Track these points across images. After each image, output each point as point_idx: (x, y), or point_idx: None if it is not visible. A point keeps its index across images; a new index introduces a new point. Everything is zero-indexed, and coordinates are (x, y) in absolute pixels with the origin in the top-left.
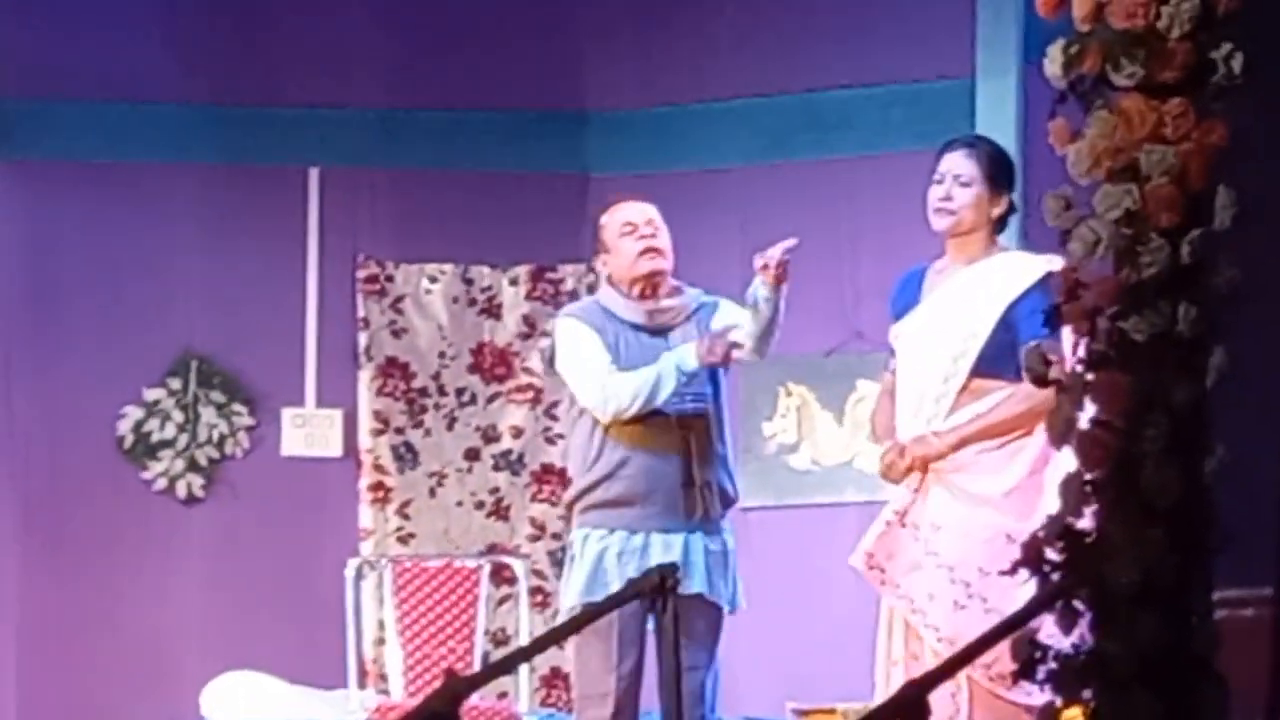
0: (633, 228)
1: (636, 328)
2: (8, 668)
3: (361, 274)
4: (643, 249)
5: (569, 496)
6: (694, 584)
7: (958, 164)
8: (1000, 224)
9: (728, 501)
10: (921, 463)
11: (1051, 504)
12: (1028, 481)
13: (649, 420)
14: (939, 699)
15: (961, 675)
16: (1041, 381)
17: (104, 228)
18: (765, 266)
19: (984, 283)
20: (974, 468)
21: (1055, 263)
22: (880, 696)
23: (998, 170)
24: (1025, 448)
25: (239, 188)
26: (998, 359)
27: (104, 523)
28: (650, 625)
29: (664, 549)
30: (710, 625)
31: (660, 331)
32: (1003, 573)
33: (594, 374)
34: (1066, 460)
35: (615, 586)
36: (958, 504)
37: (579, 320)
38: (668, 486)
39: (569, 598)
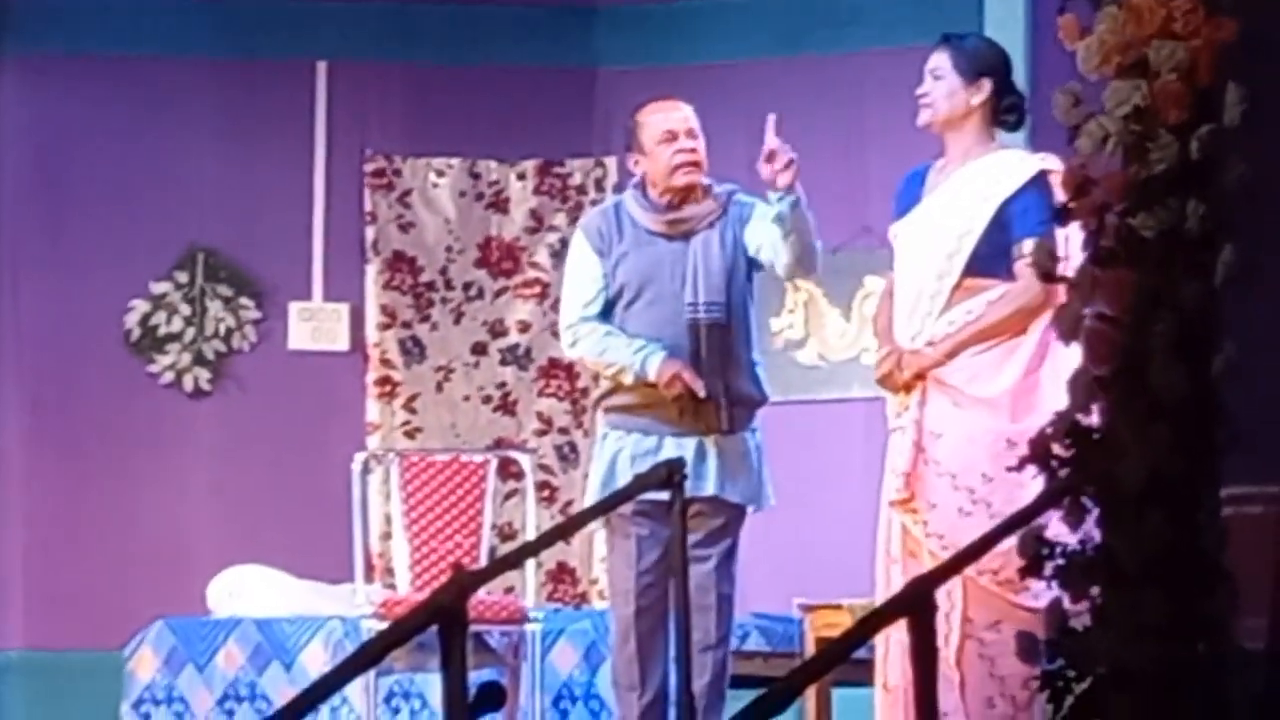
0: (673, 136)
1: (655, 234)
2: (15, 562)
3: (369, 168)
4: (682, 162)
5: (595, 396)
6: (707, 485)
7: (931, 59)
8: (998, 117)
9: (752, 405)
10: (917, 374)
11: (1050, 402)
12: (1024, 382)
13: (662, 331)
14: None
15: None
16: (1048, 277)
17: (111, 122)
18: (772, 165)
19: (978, 181)
20: (969, 370)
21: (1049, 161)
22: (880, 593)
23: (971, 59)
24: (1019, 347)
25: (247, 82)
26: (991, 258)
27: (111, 416)
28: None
29: (677, 450)
30: (728, 521)
31: (681, 237)
32: (1009, 469)
33: (572, 310)
34: (1063, 359)
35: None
36: (957, 410)
37: (585, 237)
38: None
39: (588, 495)
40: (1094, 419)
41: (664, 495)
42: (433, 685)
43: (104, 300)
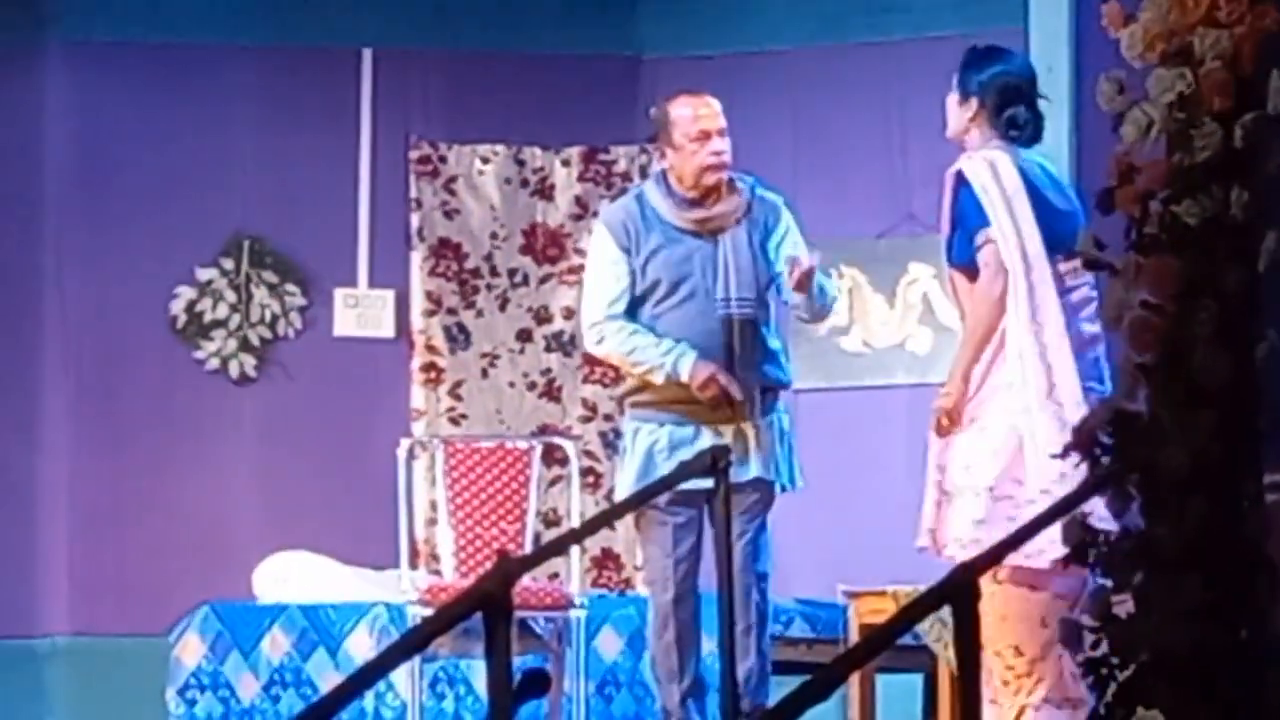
0: (706, 135)
1: (684, 231)
2: (60, 548)
3: (414, 155)
4: (712, 164)
5: (621, 392)
6: (750, 469)
7: None
8: (1004, 133)
9: (778, 390)
10: (950, 414)
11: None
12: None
13: (695, 326)
14: None
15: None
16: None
17: (157, 109)
18: (793, 274)
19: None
20: (963, 460)
21: (962, 162)
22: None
23: (961, 79)
24: (1001, 345)
25: (292, 69)
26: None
27: (156, 403)
28: (705, 512)
29: (714, 437)
30: (762, 499)
31: (710, 234)
32: (1053, 456)
33: (597, 307)
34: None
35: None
36: (979, 433)
37: (609, 233)
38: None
39: (623, 490)
40: (1138, 406)
41: (698, 483)
42: (477, 671)
43: (149, 287)
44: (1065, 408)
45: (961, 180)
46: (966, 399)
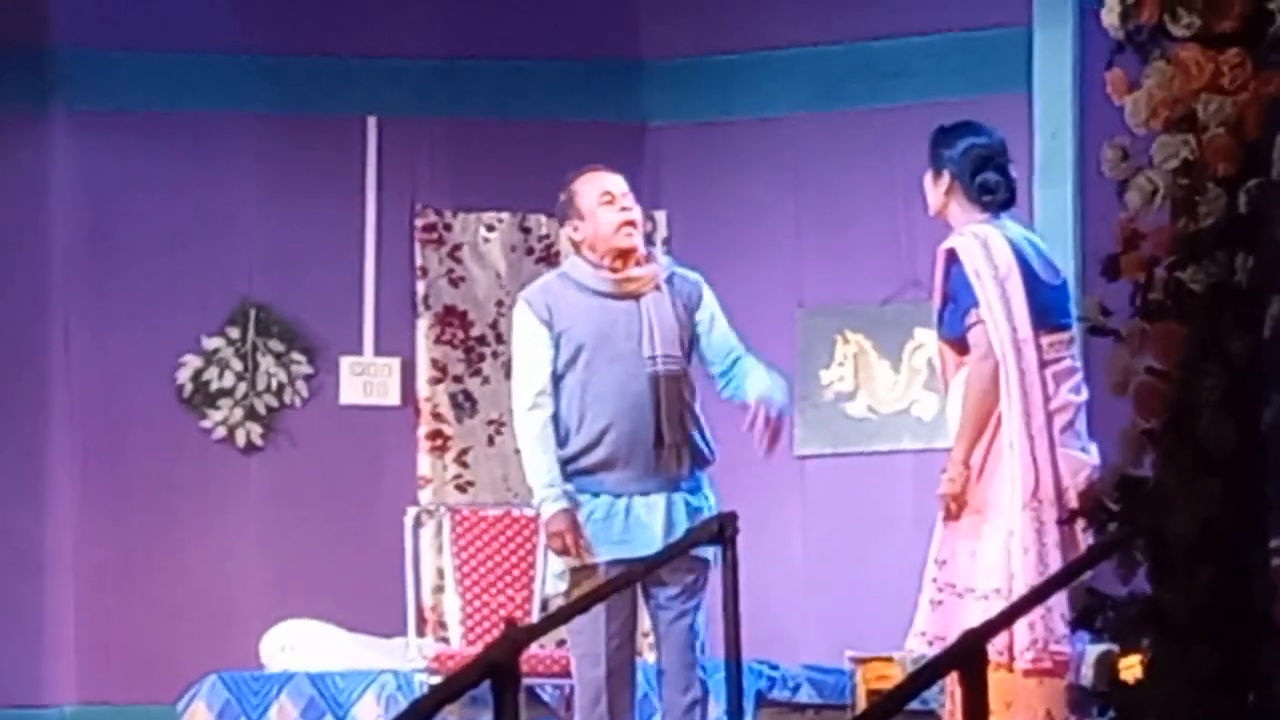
0: (611, 198)
1: (605, 295)
2: (67, 615)
3: (419, 223)
4: (622, 221)
5: (560, 458)
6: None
7: None
8: (979, 202)
9: (703, 461)
10: (957, 500)
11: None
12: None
13: (626, 387)
14: None
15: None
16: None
17: (163, 177)
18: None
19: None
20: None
21: (953, 240)
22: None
23: (931, 154)
24: (997, 428)
25: (297, 137)
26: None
27: (163, 471)
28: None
29: (646, 510)
30: (699, 577)
31: (630, 298)
32: (1060, 522)
33: (524, 392)
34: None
35: (600, 550)
36: (983, 517)
37: (528, 308)
38: (643, 449)
39: (561, 560)
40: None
41: (630, 555)
42: None
43: (156, 355)
44: (1044, 506)
45: (953, 258)
46: (971, 484)
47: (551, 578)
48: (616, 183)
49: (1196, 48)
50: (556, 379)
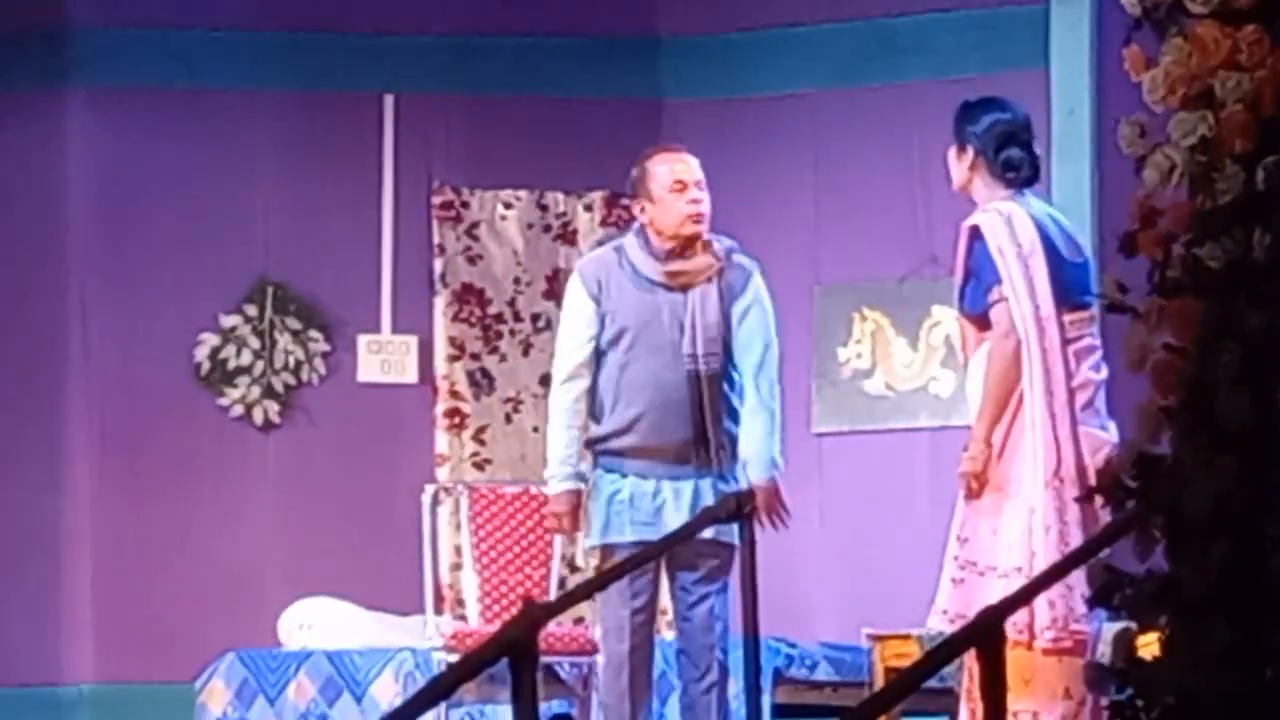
0: (683, 186)
1: (655, 283)
2: (84, 594)
3: (437, 200)
4: (690, 214)
5: (588, 438)
6: (707, 530)
7: None
8: (1003, 177)
9: (737, 454)
10: (979, 478)
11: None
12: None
13: (661, 378)
14: None
15: None
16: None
17: (180, 155)
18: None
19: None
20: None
21: (977, 217)
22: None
23: (955, 129)
24: (1019, 406)
25: (314, 114)
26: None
27: (181, 449)
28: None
29: (674, 495)
30: (723, 563)
31: (679, 289)
32: (1077, 499)
33: (565, 363)
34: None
35: (627, 531)
36: (1005, 495)
37: (580, 281)
38: (679, 441)
39: (590, 537)
40: (1162, 449)
41: (656, 537)
42: (503, 717)
43: (173, 334)
44: (1066, 485)
45: (977, 235)
46: (992, 462)
47: (582, 553)
48: (690, 169)
49: (1214, 24)
50: (599, 354)
